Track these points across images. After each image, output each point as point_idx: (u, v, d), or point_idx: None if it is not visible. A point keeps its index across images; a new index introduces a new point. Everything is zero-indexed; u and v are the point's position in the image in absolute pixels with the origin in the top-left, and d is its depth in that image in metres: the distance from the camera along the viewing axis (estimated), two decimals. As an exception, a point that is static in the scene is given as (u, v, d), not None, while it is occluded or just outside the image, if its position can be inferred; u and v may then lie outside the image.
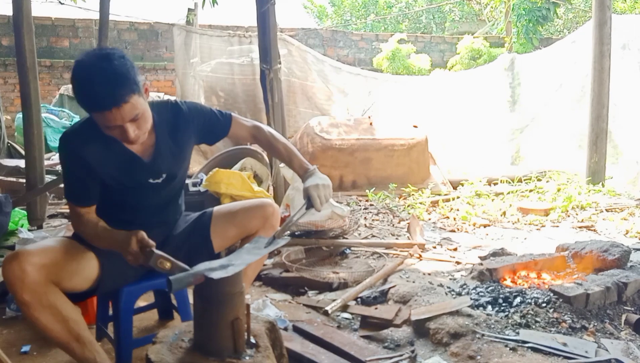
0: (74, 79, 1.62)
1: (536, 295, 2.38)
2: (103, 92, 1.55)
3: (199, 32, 7.62)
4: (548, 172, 5.94)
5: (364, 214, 4.57)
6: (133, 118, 1.62)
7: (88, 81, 1.58)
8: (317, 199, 1.86)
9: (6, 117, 7.43)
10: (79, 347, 1.66)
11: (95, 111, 1.60)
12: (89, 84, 1.57)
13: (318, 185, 1.88)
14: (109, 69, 1.57)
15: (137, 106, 1.62)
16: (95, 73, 1.57)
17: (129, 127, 1.63)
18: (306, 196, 1.88)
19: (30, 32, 3.57)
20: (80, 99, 1.61)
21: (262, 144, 2.10)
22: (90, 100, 1.59)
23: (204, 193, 3.54)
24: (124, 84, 1.58)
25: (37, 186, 3.63)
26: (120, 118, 1.59)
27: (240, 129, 2.04)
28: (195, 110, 1.95)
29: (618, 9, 13.83)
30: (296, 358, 1.99)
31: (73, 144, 1.71)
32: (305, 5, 19.20)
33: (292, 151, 2.04)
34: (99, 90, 1.56)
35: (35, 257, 1.58)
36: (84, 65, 1.61)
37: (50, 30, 9.37)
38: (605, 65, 5.47)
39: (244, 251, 1.65)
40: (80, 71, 1.61)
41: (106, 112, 1.57)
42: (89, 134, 1.71)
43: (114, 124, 1.60)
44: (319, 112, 7.30)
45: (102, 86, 1.55)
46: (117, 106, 1.57)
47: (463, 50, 10.15)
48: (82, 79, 1.60)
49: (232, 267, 1.48)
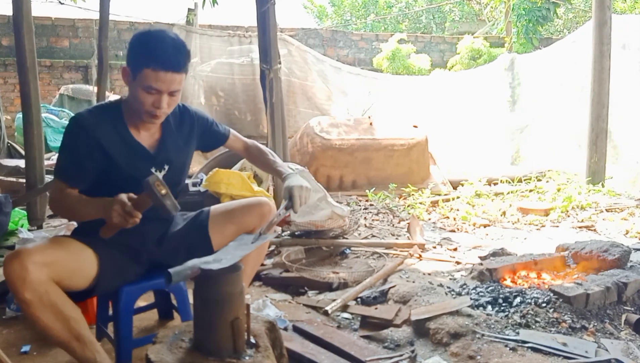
0: (140, 36, 1.73)
1: (536, 295, 2.38)
2: (172, 53, 1.70)
3: (199, 32, 7.63)
4: (548, 172, 5.94)
5: (364, 214, 4.57)
6: (173, 91, 1.74)
7: (164, 39, 1.71)
8: (298, 200, 1.95)
9: (6, 117, 7.44)
10: (79, 346, 1.66)
11: (152, 67, 1.68)
12: (164, 42, 1.70)
13: (302, 187, 1.97)
14: (179, 40, 1.76)
15: (181, 83, 1.77)
16: (169, 37, 1.73)
17: (164, 99, 1.74)
18: (287, 195, 1.97)
19: (30, 32, 3.57)
20: (144, 51, 1.70)
21: (253, 155, 2.23)
22: (158, 54, 1.68)
23: (204, 193, 3.54)
24: (187, 58, 1.77)
25: (37, 186, 3.63)
26: (168, 84, 1.71)
27: (236, 141, 2.22)
28: (199, 114, 2.08)
29: (618, 9, 13.83)
30: (296, 358, 1.99)
31: (86, 122, 1.76)
32: (305, 5, 19.21)
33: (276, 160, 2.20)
34: (170, 50, 1.70)
35: (36, 255, 1.58)
36: (155, 30, 1.76)
37: (50, 30, 9.37)
38: (605, 65, 5.47)
39: (231, 248, 1.66)
40: (153, 32, 1.74)
41: (162, 73, 1.68)
42: (102, 118, 1.79)
43: (159, 87, 1.70)
44: (319, 112, 7.31)
45: (174, 48, 1.71)
46: (176, 70, 1.71)
47: (463, 50, 10.15)
48: (157, 37, 1.72)
49: (226, 260, 1.49)
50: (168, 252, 1.93)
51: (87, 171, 1.76)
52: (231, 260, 1.50)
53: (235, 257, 1.53)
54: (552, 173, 5.91)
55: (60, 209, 1.77)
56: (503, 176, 5.79)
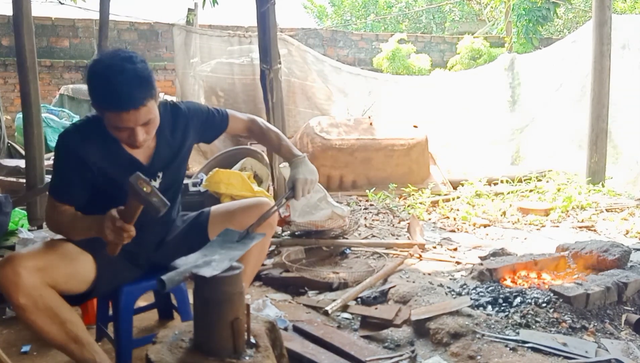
0: (92, 75, 1.60)
1: (536, 295, 2.38)
2: (124, 93, 1.54)
3: (199, 32, 7.62)
4: (548, 172, 5.94)
5: (364, 214, 4.57)
6: (145, 122, 1.62)
7: (110, 79, 1.55)
8: (300, 192, 1.94)
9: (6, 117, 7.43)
10: (77, 348, 1.66)
11: (110, 111, 1.58)
12: (110, 83, 1.55)
13: (307, 180, 1.95)
14: (131, 71, 1.57)
15: (152, 110, 1.63)
16: (117, 73, 1.56)
17: (139, 131, 1.63)
18: (290, 185, 1.95)
19: (30, 32, 3.57)
20: (97, 96, 1.60)
21: (256, 134, 2.16)
22: (109, 99, 1.57)
23: (204, 193, 3.55)
24: (145, 87, 1.59)
25: (37, 186, 3.63)
26: (134, 121, 1.59)
27: (236, 123, 2.11)
28: (193, 109, 1.97)
29: (618, 9, 13.83)
30: (296, 358, 1.99)
31: (72, 141, 1.70)
32: (305, 5, 19.20)
33: (282, 138, 2.13)
34: (120, 90, 1.54)
35: (28, 260, 1.57)
36: (105, 63, 1.59)
37: (50, 30, 9.36)
38: (605, 65, 5.47)
39: (216, 244, 1.63)
40: (101, 69, 1.59)
41: (122, 113, 1.57)
42: (90, 133, 1.71)
43: (126, 125, 1.60)
44: (319, 112, 7.30)
45: (124, 86, 1.54)
46: (135, 108, 1.57)
47: (463, 50, 10.14)
48: (103, 77, 1.57)
49: (216, 263, 1.47)
50: (168, 255, 1.92)
51: (78, 189, 1.72)
52: (221, 261, 1.49)
53: (225, 259, 1.51)
54: (552, 173, 5.91)
55: (55, 227, 1.74)
56: (503, 176, 5.78)
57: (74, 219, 1.69)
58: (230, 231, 1.70)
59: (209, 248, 1.60)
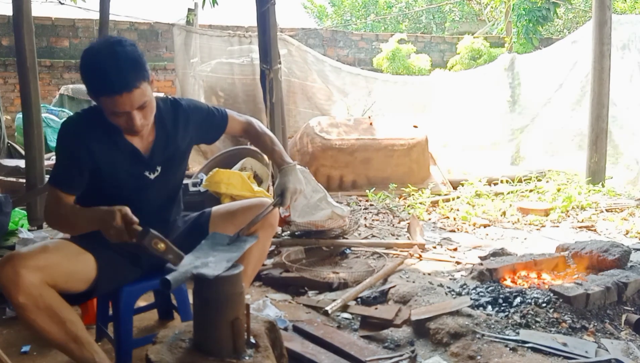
0: (84, 64, 1.61)
1: (536, 295, 2.38)
2: (116, 76, 1.55)
3: (199, 32, 7.62)
4: (548, 172, 5.94)
5: (364, 214, 4.57)
6: (141, 105, 1.63)
7: (101, 64, 1.56)
8: (288, 200, 1.95)
9: (6, 117, 7.43)
10: (77, 347, 1.66)
11: (105, 95, 1.59)
12: (102, 68, 1.56)
13: (296, 189, 1.97)
14: (121, 53, 1.58)
15: (146, 93, 1.63)
16: (108, 57, 1.57)
17: (136, 115, 1.64)
18: (279, 192, 1.96)
19: (30, 32, 3.57)
20: (91, 83, 1.61)
21: (251, 136, 2.16)
22: (102, 83, 1.57)
23: (204, 193, 3.54)
24: (137, 69, 1.60)
25: (37, 186, 3.63)
26: (130, 104, 1.60)
27: (234, 123, 2.11)
28: (193, 106, 1.98)
29: (618, 9, 13.83)
30: (296, 358, 1.99)
31: (74, 129, 1.72)
32: (305, 5, 19.21)
33: (276, 143, 2.13)
34: (111, 73, 1.55)
35: (29, 260, 1.57)
36: (95, 50, 1.61)
37: (50, 30, 9.36)
38: (605, 65, 5.47)
39: (206, 246, 1.62)
40: (91, 55, 1.60)
41: (116, 97, 1.57)
42: (91, 122, 1.73)
43: (122, 109, 1.60)
44: (319, 112, 7.30)
45: (115, 69, 1.55)
46: (128, 90, 1.57)
47: (463, 50, 10.14)
48: (94, 63, 1.59)
49: (213, 264, 1.48)
50: None
51: (80, 176, 1.72)
52: (218, 262, 1.49)
53: (222, 260, 1.50)
54: (552, 173, 5.91)
55: (56, 220, 1.74)
56: (503, 176, 5.79)
57: (74, 212, 1.69)
58: (219, 235, 1.71)
59: (200, 251, 1.60)
